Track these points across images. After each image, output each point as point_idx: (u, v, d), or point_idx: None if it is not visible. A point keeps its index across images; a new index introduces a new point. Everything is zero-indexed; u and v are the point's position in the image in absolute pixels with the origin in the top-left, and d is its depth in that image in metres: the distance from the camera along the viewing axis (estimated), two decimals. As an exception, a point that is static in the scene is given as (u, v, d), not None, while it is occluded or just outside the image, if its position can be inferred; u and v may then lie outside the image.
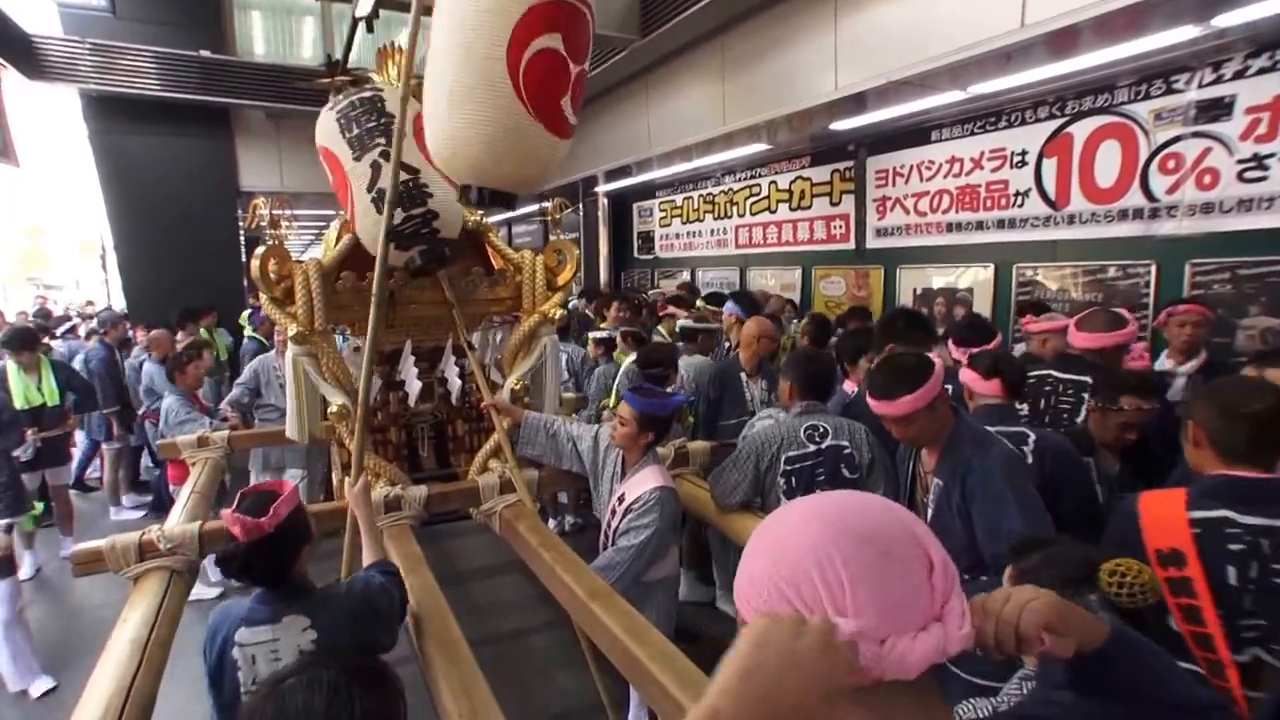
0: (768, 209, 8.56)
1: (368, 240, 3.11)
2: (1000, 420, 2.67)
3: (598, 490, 3.17)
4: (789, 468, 2.96)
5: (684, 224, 10.29)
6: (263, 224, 3.74)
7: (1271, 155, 4.15)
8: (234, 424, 4.97)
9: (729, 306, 5.52)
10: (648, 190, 10.88)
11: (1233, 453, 1.91)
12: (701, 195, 9.76)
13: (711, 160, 8.35)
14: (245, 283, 10.59)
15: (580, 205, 12.34)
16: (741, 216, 9.02)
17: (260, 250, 3.20)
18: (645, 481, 2.86)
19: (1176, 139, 4.60)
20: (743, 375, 4.30)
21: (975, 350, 3.46)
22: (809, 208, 7.90)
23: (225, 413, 5.21)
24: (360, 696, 1.24)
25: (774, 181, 8.40)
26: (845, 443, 2.99)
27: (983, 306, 6.07)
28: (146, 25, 9.20)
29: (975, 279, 6.20)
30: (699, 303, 6.21)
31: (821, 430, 3.00)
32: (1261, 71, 4.18)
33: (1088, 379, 3.26)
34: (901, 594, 0.76)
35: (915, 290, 6.79)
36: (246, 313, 8.46)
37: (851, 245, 7.40)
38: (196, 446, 4.28)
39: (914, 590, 0.77)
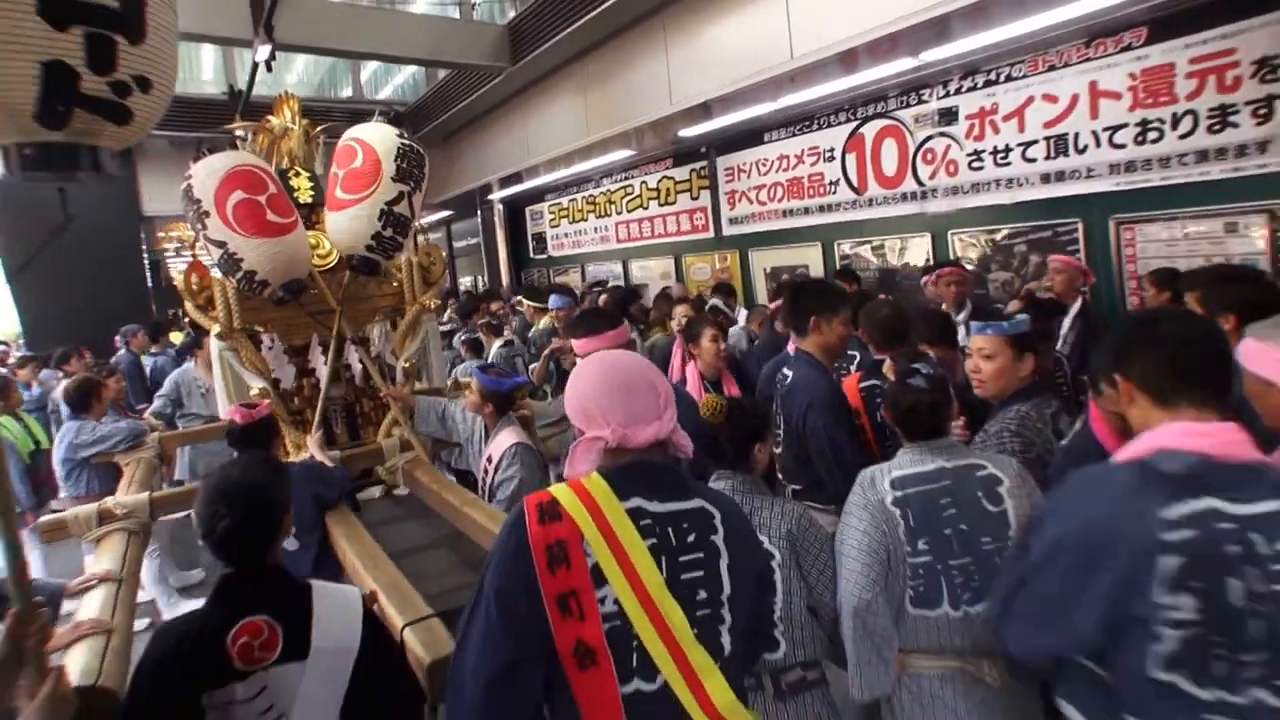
0: (641, 206, 9.96)
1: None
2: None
3: (471, 452, 4.02)
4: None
5: (571, 224, 11.62)
6: (183, 245, 4.66)
7: (984, 151, 5.75)
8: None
9: (554, 300, 6.43)
10: (537, 195, 12.16)
11: None
12: (584, 197, 11.10)
13: (588, 165, 9.68)
14: (154, 305, 11.44)
15: (478, 212, 13.55)
16: (620, 214, 10.40)
17: (183, 267, 4.02)
18: (503, 443, 3.57)
19: (929, 138, 6.15)
20: None
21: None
22: (675, 203, 9.33)
23: (150, 423, 5.75)
24: (262, 470, 1.90)
25: (644, 181, 9.80)
26: None
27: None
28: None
29: (808, 256, 7.68)
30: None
31: None
32: (971, 89, 5.79)
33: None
34: (638, 409, 1.48)
35: (765, 269, 8.26)
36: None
37: (711, 234, 8.86)
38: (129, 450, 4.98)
39: (644, 406, 1.49)
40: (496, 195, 12.31)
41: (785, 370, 3.23)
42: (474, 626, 1.42)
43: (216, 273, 3.98)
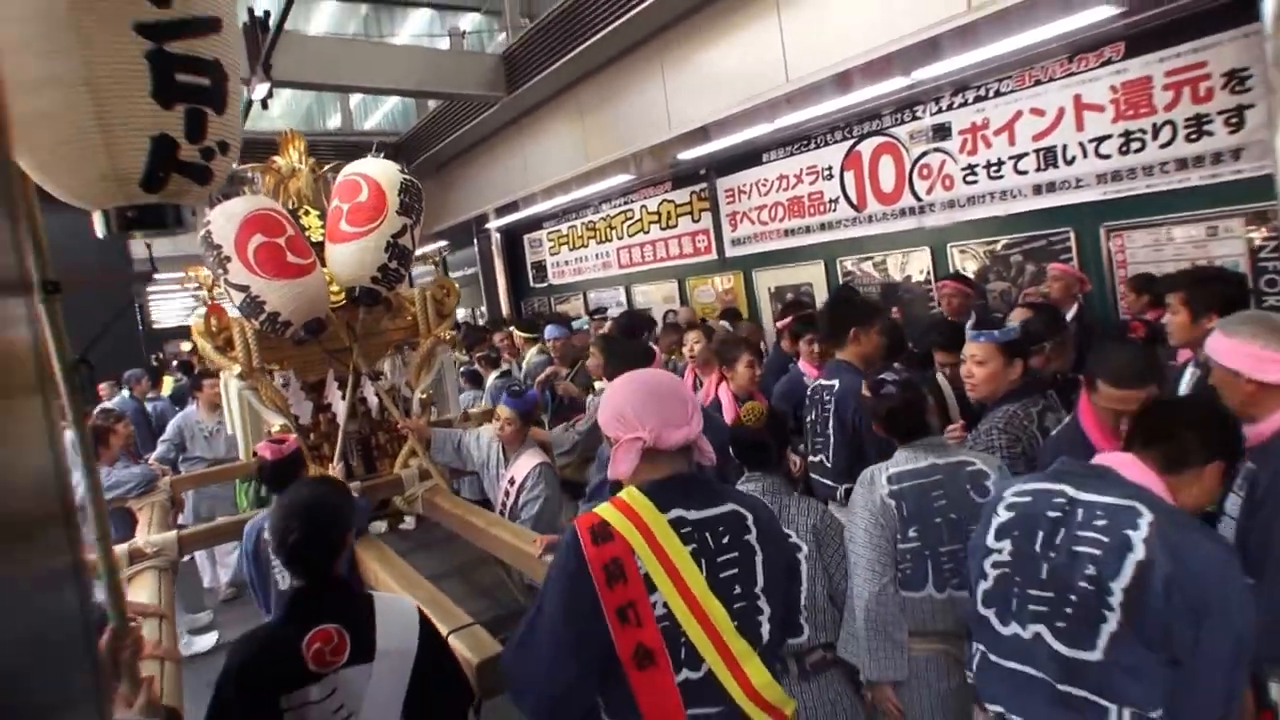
0: (642, 230, 10.31)
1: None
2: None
3: (487, 478, 4.22)
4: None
5: (571, 251, 11.95)
6: (200, 287, 4.93)
7: (978, 164, 6.12)
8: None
9: (550, 331, 6.68)
10: (535, 223, 12.51)
11: None
12: (584, 223, 11.44)
13: (586, 191, 9.99)
14: (145, 350, 11.73)
15: (474, 242, 13.89)
16: (621, 239, 10.74)
17: (201, 310, 4.29)
18: (527, 463, 3.92)
19: (925, 153, 6.50)
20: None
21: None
22: (676, 226, 9.69)
23: (159, 469, 5.94)
24: (327, 491, 2.20)
25: (644, 205, 10.15)
26: None
27: (820, 297, 7.83)
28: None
29: (811, 274, 8.00)
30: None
31: None
32: (962, 105, 6.17)
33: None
34: (668, 414, 1.69)
35: (770, 289, 8.59)
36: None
37: (714, 256, 9.21)
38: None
39: (675, 412, 1.70)
40: (493, 224, 12.64)
41: (827, 381, 3.53)
42: (536, 645, 1.66)
43: (232, 310, 4.18)
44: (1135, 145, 5.16)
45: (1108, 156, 5.32)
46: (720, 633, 1.64)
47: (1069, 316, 4.91)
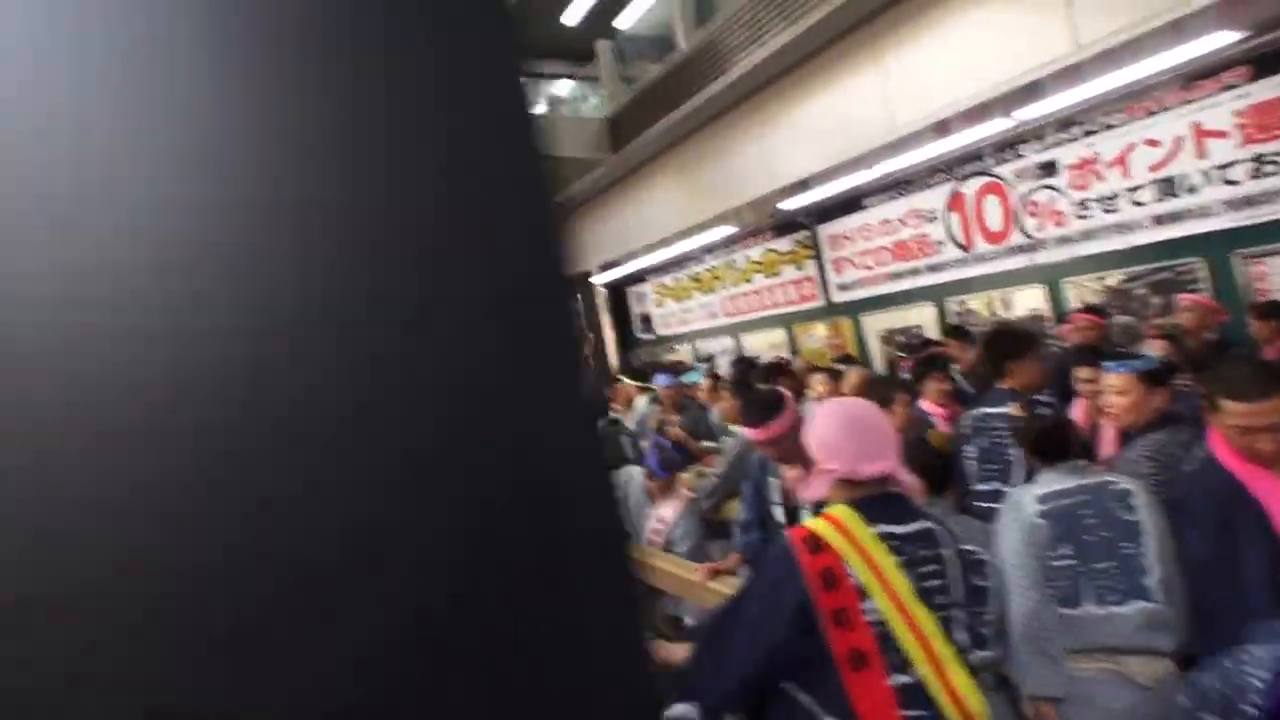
0: (746, 280, 10.48)
1: None
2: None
3: (627, 518, 4.72)
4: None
5: (677, 302, 12.20)
6: None
7: (1090, 199, 6.09)
8: None
9: (660, 379, 6.78)
10: (639, 276, 12.84)
11: None
12: (688, 275, 11.67)
13: (691, 244, 10.21)
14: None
15: (579, 297, 14.30)
16: (725, 289, 10.94)
17: None
18: (677, 501, 4.40)
19: (1032, 191, 6.52)
20: None
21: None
22: (780, 275, 9.84)
23: None
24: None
25: (747, 255, 10.31)
26: None
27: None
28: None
29: (921, 317, 8.03)
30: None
31: None
32: (1069, 141, 6.17)
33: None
34: (865, 448, 1.83)
35: (879, 333, 8.63)
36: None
37: (821, 302, 9.30)
38: None
39: (871, 447, 1.83)
40: (597, 279, 13.01)
41: (994, 409, 3.61)
42: (722, 647, 1.84)
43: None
44: (1269, 169, 5.07)
45: (1236, 182, 5.23)
46: (928, 639, 1.77)
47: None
